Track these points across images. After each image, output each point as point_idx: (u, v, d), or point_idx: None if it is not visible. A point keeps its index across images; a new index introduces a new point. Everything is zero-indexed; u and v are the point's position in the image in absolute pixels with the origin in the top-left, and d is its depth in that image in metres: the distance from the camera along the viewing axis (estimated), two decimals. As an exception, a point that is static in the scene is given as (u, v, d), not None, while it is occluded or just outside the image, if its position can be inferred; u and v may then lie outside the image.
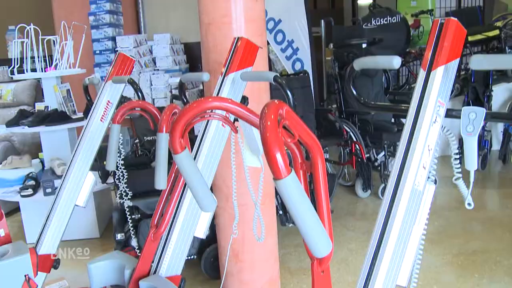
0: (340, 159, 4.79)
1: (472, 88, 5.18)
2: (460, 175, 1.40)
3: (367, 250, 1.32)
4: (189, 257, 2.97)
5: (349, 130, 4.45)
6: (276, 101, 0.83)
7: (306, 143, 0.92)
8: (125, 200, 2.28)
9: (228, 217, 2.45)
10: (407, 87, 6.60)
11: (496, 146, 5.65)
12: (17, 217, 4.18)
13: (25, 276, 2.04)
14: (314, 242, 0.82)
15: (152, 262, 1.73)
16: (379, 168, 4.57)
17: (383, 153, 4.56)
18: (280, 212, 3.29)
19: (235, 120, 1.77)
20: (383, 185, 4.47)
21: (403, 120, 1.37)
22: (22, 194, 3.74)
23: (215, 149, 1.77)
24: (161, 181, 1.42)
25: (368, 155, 4.52)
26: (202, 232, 1.72)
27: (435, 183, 1.39)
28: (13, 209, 4.33)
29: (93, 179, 2.25)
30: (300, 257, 3.41)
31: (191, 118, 0.99)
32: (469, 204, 1.43)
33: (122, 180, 2.21)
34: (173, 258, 1.69)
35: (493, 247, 3.37)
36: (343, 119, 4.65)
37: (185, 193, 1.69)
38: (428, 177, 1.36)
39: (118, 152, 1.97)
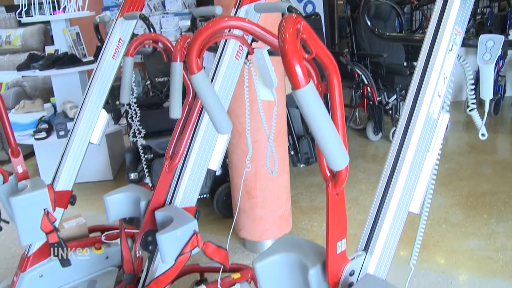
0: (351, 102, 4.78)
1: (488, 32, 5.07)
2: (474, 106, 1.39)
3: (380, 177, 1.34)
4: (201, 196, 3.02)
5: (361, 73, 4.41)
6: (293, 15, 0.82)
7: (322, 61, 0.91)
8: (138, 138, 2.29)
9: (240, 154, 2.47)
10: (420, 31, 6.47)
11: (510, 92, 5.59)
12: (32, 161, 4.25)
13: (44, 209, 2.09)
14: (332, 153, 0.82)
15: (167, 193, 1.76)
16: (390, 111, 4.56)
17: (394, 96, 4.53)
18: (292, 152, 3.31)
19: (248, 53, 1.77)
20: (394, 128, 4.47)
21: (415, 63, 1.35)
22: (36, 137, 3.78)
23: (228, 83, 1.76)
24: (175, 111, 1.43)
25: (379, 98, 4.49)
26: (215, 164, 1.74)
27: (447, 127, 1.39)
28: (28, 154, 4.39)
29: (106, 117, 2.26)
30: (312, 196, 3.46)
31: (207, 37, 0.99)
32: (483, 134, 1.43)
33: (135, 118, 2.22)
34: (188, 189, 1.72)
35: (502, 189, 3.40)
36: (355, 62, 4.60)
37: (199, 125, 1.70)
38: (443, 107, 1.35)
39: (131, 90, 1.97)
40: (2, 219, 2.24)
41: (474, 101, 1.39)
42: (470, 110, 1.42)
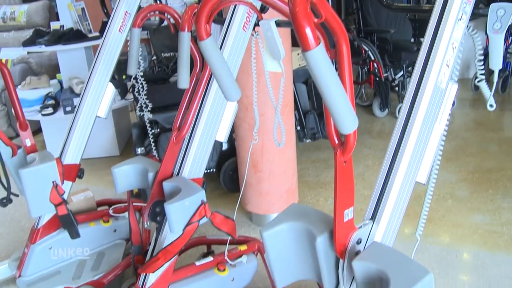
0: (357, 79, 4.76)
1: (496, 7, 5.02)
2: (483, 76, 1.39)
3: (388, 147, 1.34)
4: (208, 170, 3.03)
5: (367, 49, 4.38)
6: (303, -22, 0.82)
7: (331, 26, 0.91)
8: (145, 112, 2.30)
9: (247, 127, 2.47)
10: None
11: (518, 69, 5.54)
12: (39, 138, 4.27)
13: (52, 182, 2.11)
14: (341, 115, 0.83)
15: (175, 165, 1.77)
16: (396, 88, 4.54)
17: (401, 72, 4.51)
18: (298, 128, 3.31)
19: (256, 24, 1.76)
20: (400, 105, 4.46)
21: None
22: (42, 113, 3.79)
23: (235, 55, 1.75)
24: (183, 81, 1.43)
25: (386, 74, 4.47)
26: (223, 136, 1.75)
27: (454, 103, 1.38)
28: (35, 130, 4.40)
29: (113, 90, 2.26)
30: (317, 172, 3.48)
31: (216, 2, 0.98)
32: (491, 105, 1.43)
33: (142, 92, 2.22)
34: (195, 160, 1.73)
35: (508, 166, 3.39)
36: (361, 38, 4.57)
37: (206, 96, 1.70)
38: (451, 77, 1.35)
39: (138, 62, 1.97)
40: (12, 193, 2.26)
41: (483, 71, 1.38)
42: (478, 81, 1.41)
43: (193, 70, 1.72)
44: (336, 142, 1.12)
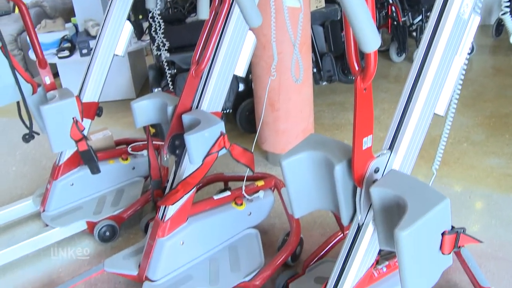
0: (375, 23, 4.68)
1: None
2: (507, 9, 1.36)
3: (407, 79, 1.34)
4: (224, 111, 3.04)
5: (386, -8, 4.29)
6: None
7: None
8: (163, 51, 2.29)
9: (264, 66, 2.47)
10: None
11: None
12: (56, 82, 4.28)
13: (73, 118, 2.14)
14: (363, 31, 0.83)
15: (193, 98, 1.78)
16: (414, 33, 4.46)
17: (420, 17, 4.41)
18: (314, 70, 3.30)
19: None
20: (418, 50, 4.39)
21: None
22: (59, 56, 3.80)
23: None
24: (203, 11, 1.43)
25: (404, 18, 4.38)
26: (241, 70, 1.75)
27: (473, 49, 1.36)
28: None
29: (130, 28, 2.26)
30: (333, 114, 3.48)
31: None
32: (514, 38, 1.41)
33: (159, 31, 2.21)
34: (214, 94, 1.74)
35: (527, 112, 3.36)
36: (380, -20, 4.47)
37: (225, 30, 1.69)
38: (474, 9, 1.33)
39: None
40: (33, 131, 2.29)
41: (508, 4, 1.36)
42: (502, 14, 1.39)
43: (211, 4, 1.71)
44: (357, 68, 1.12)
